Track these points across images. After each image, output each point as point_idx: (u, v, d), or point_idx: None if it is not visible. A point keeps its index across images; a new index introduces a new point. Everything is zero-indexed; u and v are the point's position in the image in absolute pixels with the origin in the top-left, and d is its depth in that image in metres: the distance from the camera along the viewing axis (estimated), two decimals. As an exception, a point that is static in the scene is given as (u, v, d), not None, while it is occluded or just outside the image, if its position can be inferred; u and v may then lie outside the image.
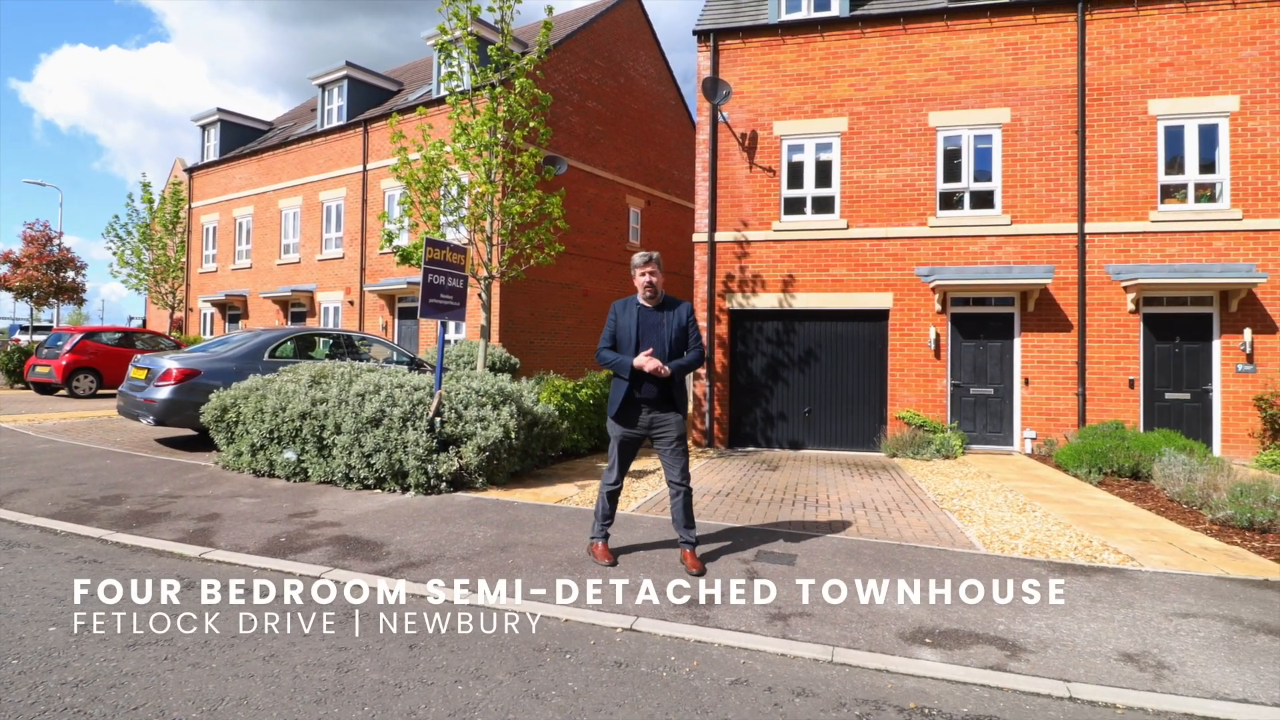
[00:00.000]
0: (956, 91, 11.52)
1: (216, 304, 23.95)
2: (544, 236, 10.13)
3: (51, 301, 30.90)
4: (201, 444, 8.89)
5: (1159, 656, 3.43)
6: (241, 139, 25.68)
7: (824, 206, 12.04)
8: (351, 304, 19.59)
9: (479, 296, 9.94)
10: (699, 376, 12.04)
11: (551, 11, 10.12)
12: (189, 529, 5.23)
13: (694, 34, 12.59)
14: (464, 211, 9.86)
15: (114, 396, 11.20)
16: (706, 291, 12.15)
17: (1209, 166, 10.82)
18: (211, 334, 24.07)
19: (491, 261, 9.92)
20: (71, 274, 30.67)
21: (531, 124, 9.78)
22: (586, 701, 2.88)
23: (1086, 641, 3.58)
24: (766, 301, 12.03)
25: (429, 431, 6.77)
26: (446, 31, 9.66)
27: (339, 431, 6.85)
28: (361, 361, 9.34)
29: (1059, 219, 11.09)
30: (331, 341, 10.80)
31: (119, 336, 16.95)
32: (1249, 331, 10.41)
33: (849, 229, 11.77)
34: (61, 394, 15.66)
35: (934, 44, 11.65)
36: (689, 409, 4.61)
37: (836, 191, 11.92)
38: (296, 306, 21.49)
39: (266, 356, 9.44)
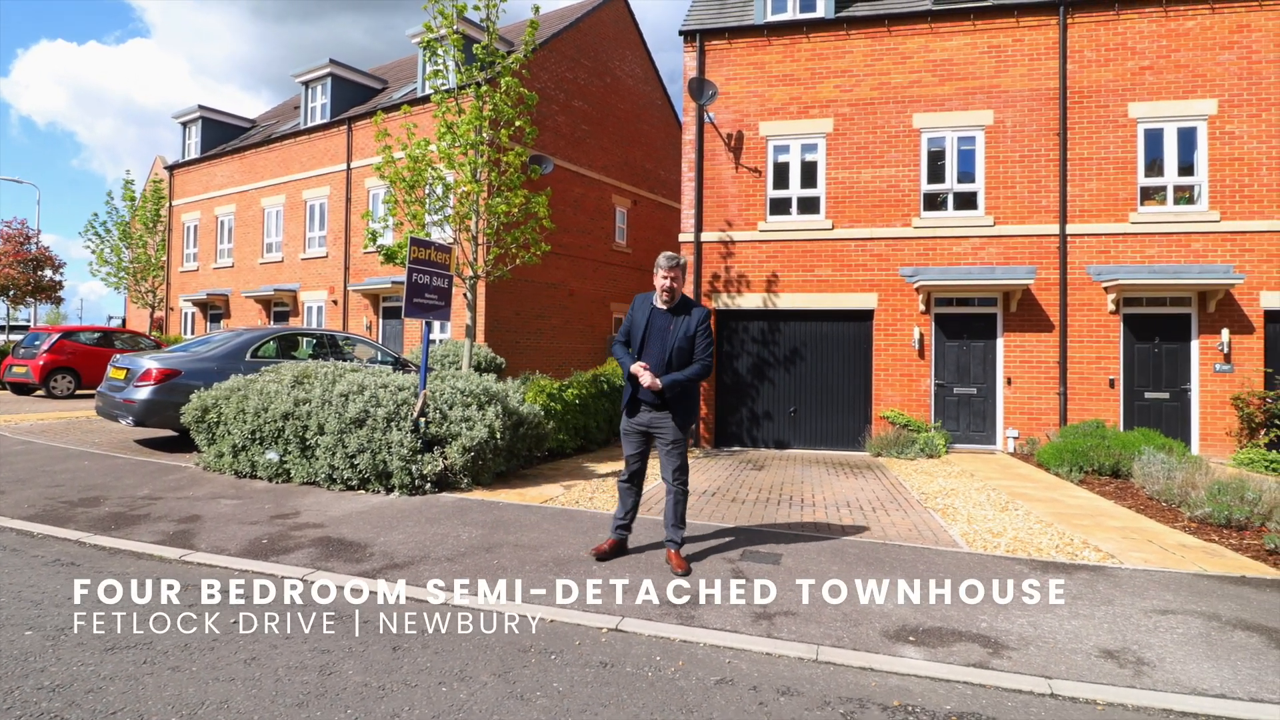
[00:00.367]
0: (940, 93, 11.61)
1: (198, 303, 23.67)
2: (530, 236, 10.10)
3: (29, 300, 30.41)
4: (182, 445, 8.78)
5: (1139, 653, 3.47)
6: (223, 136, 25.40)
7: (809, 207, 12.09)
8: (335, 303, 19.44)
9: (464, 296, 9.90)
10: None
11: (538, 11, 10.09)
12: (169, 531, 5.17)
13: (680, 34, 12.60)
14: (449, 210, 9.81)
15: (92, 397, 11.04)
16: (692, 291, 12.16)
17: (1188, 169, 10.97)
18: (193, 334, 23.79)
19: (477, 261, 9.88)
20: (49, 272, 30.22)
21: (517, 123, 9.75)
22: (571, 702, 2.87)
23: (1068, 638, 3.62)
24: (752, 301, 12.07)
25: (413, 432, 6.72)
26: (432, 30, 9.61)
27: (322, 432, 6.79)
28: (345, 361, 9.26)
29: (1041, 220, 11.20)
30: (315, 341, 10.70)
31: (98, 336, 16.73)
32: (1226, 332, 10.56)
33: (834, 229, 11.83)
34: (39, 394, 15.43)
35: (918, 46, 11.73)
36: (690, 413, 4.63)
37: (822, 192, 11.98)
38: (279, 306, 21.29)
39: (248, 356, 9.34)
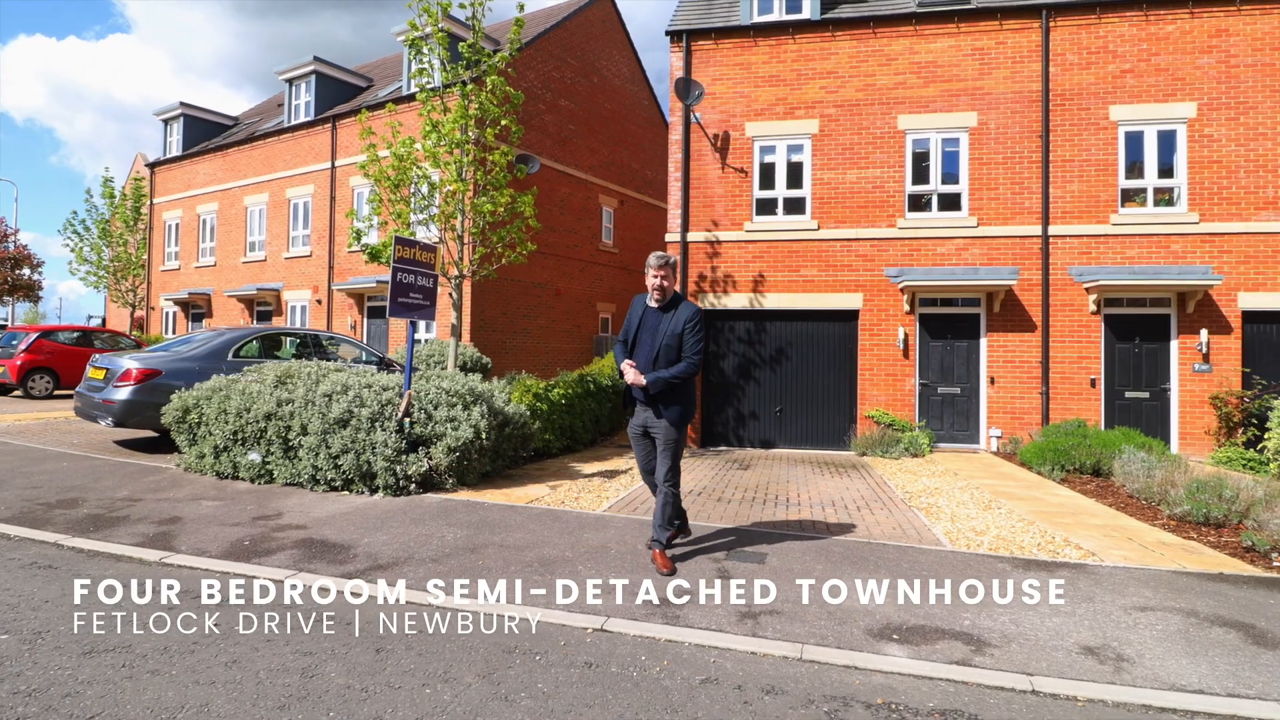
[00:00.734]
0: (925, 95, 11.69)
1: (179, 303, 23.39)
2: (516, 235, 10.06)
3: (6, 299, 29.97)
4: (163, 446, 8.67)
5: (1118, 649, 3.51)
6: (206, 134, 25.11)
7: (795, 208, 12.14)
8: (319, 303, 19.28)
9: (449, 295, 9.85)
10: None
11: (523, 9, 10.05)
12: (149, 533, 5.10)
13: (667, 34, 12.60)
14: (434, 210, 9.76)
15: (71, 398, 10.89)
16: (679, 291, 12.16)
17: (1167, 171, 11.11)
18: (174, 333, 23.52)
19: (462, 260, 9.84)
20: (27, 271, 29.81)
21: (503, 122, 9.71)
22: (556, 703, 2.86)
23: (1049, 635, 3.65)
24: (738, 301, 12.10)
25: (398, 432, 6.68)
26: (417, 28, 9.56)
27: (305, 432, 6.74)
28: (329, 361, 9.19)
29: (1024, 221, 11.31)
30: (298, 341, 10.60)
31: (77, 335, 16.49)
32: (1205, 332, 10.71)
33: (820, 230, 11.88)
34: (16, 395, 15.18)
35: (903, 48, 11.81)
36: (683, 413, 4.63)
37: (808, 193, 12.03)
38: (262, 305, 21.09)
39: (230, 356, 9.24)
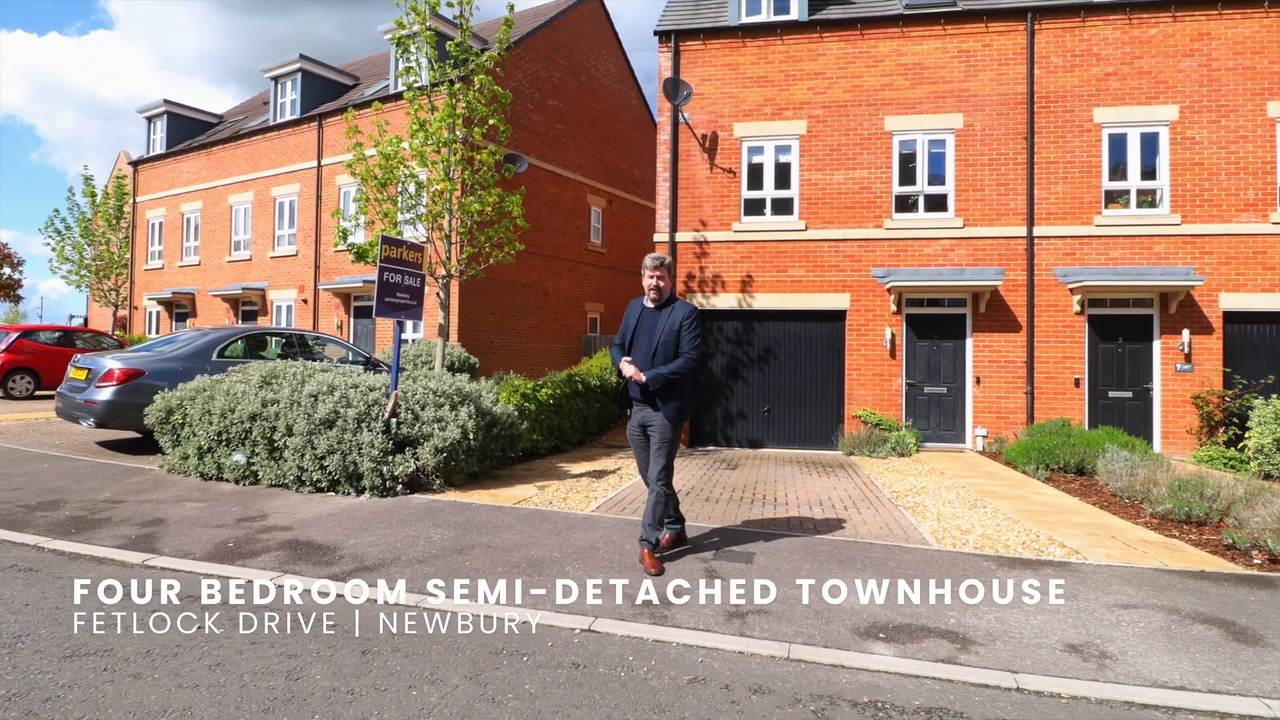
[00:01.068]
0: (911, 96, 11.76)
1: (163, 302, 23.15)
2: (503, 235, 10.03)
3: (-15, 299, 29.55)
4: (146, 447, 8.58)
5: (1102, 647, 3.54)
6: (190, 132, 24.87)
7: (783, 208, 12.17)
8: (305, 302, 19.14)
9: (437, 295, 9.80)
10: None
11: (512, 9, 10.02)
12: (131, 535, 5.05)
13: (655, 34, 12.60)
14: (421, 209, 9.71)
15: (52, 398, 10.75)
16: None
17: (1150, 173, 11.24)
18: (157, 333, 23.27)
19: (450, 260, 9.79)
20: (8, 270, 29.42)
21: (491, 121, 9.68)
22: (544, 704, 2.85)
23: (1033, 633, 3.68)
24: (727, 301, 12.12)
25: (385, 433, 6.65)
26: (404, 26, 9.51)
27: (291, 433, 6.68)
28: (315, 361, 9.12)
29: (1009, 222, 11.40)
30: (284, 341, 10.52)
31: (58, 335, 16.28)
32: (1187, 332, 10.84)
33: (807, 230, 11.93)
34: (-5, 395, 14.97)
35: (890, 49, 11.87)
36: (680, 411, 4.65)
37: (795, 193, 12.07)
38: (247, 305, 20.92)
39: (215, 356, 9.16)
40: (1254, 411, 9.35)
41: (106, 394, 8.23)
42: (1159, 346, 11.06)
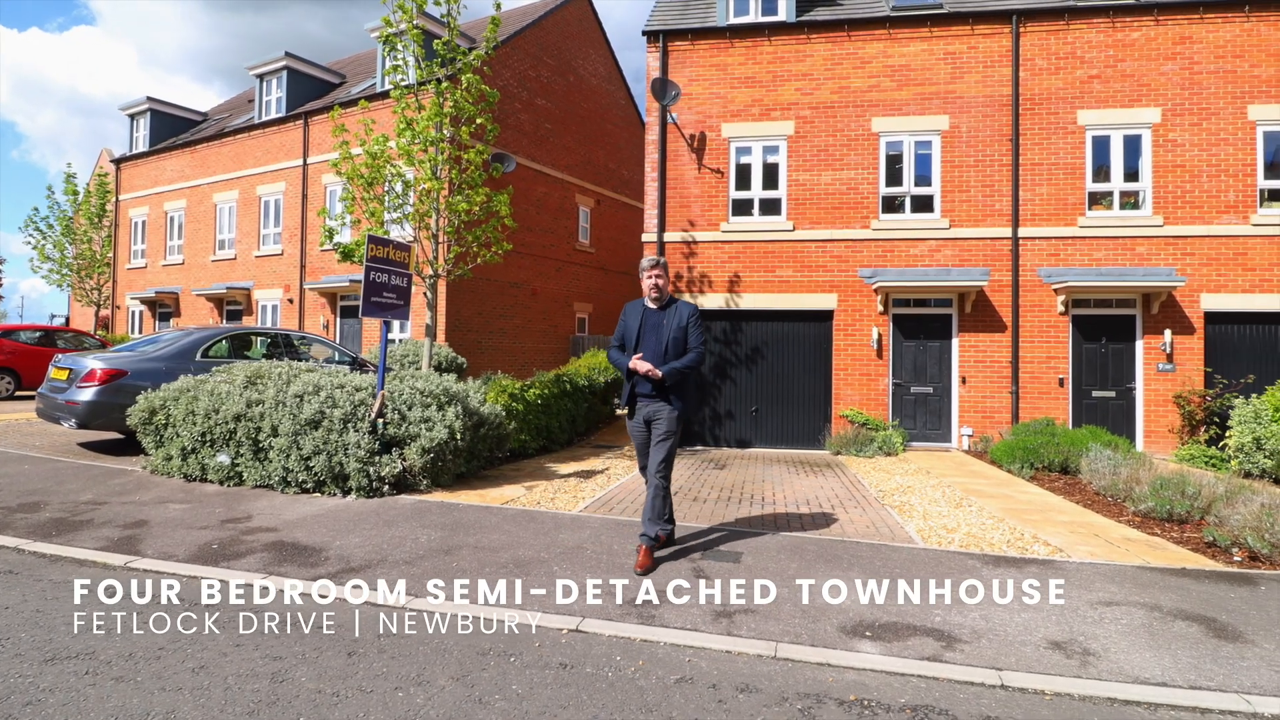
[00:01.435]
0: (898, 98, 11.82)
1: (146, 301, 22.90)
2: (491, 235, 10.00)
3: (-36, 298, 29.09)
4: (128, 448, 8.48)
5: (1085, 644, 3.58)
6: (173, 129, 24.63)
7: (771, 208, 12.21)
8: (291, 302, 19.00)
9: (424, 295, 9.76)
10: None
11: (500, 7, 9.98)
12: (114, 537, 4.99)
13: (644, 34, 12.61)
14: (409, 208, 9.66)
15: (33, 399, 10.61)
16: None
17: (1133, 175, 11.36)
18: (140, 333, 23.02)
19: (437, 259, 9.75)
20: (-13, 269, 28.94)
21: (479, 120, 9.64)
22: (531, 705, 2.85)
23: (1017, 631, 3.71)
24: (715, 301, 12.14)
25: (371, 433, 6.61)
26: (391, 24, 9.45)
27: (276, 434, 6.63)
28: (301, 361, 9.06)
29: (994, 223, 11.49)
30: (269, 341, 10.44)
31: (39, 335, 16.08)
32: (1169, 332, 10.97)
33: (795, 231, 11.97)
34: (-25, 396, 14.76)
35: (877, 51, 11.93)
36: (686, 407, 4.70)
37: (783, 194, 12.11)
38: (232, 304, 20.73)
39: (199, 356, 9.07)
40: (1234, 411, 9.48)
41: (88, 394, 8.13)
42: (1141, 346, 11.18)
